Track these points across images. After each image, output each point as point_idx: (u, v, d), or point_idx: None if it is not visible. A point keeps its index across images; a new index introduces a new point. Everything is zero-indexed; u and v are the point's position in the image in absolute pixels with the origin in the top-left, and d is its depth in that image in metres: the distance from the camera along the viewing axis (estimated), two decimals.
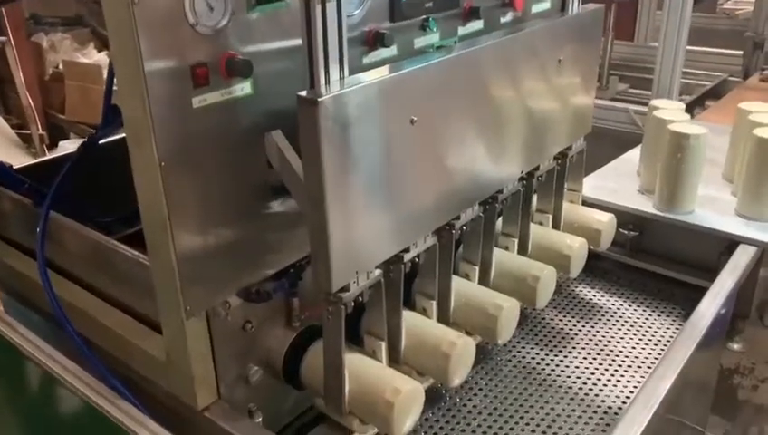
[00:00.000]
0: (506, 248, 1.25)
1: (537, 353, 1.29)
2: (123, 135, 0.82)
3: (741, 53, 2.82)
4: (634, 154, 1.72)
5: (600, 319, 1.39)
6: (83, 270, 1.15)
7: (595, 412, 1.14)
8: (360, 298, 0.91)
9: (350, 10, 0.95)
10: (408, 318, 1.03)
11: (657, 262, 1.49)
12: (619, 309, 1.42)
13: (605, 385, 1.20)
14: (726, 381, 1.64)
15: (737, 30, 3.05)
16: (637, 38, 2.87)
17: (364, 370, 0.94)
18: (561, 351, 1.29)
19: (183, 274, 0.85)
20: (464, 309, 1.10)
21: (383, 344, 0.97)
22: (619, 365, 1.25)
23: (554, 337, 1.34)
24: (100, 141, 1.17)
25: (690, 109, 2.32)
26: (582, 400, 1.17)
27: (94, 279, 1.13)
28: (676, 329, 1.35)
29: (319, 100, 0.74)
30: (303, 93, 0.75)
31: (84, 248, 1.13)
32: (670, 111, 1.52)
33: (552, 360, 1.27)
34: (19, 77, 3.10)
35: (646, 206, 1.49)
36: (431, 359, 0.99)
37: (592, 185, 1.60)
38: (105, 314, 1.08)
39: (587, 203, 1.49)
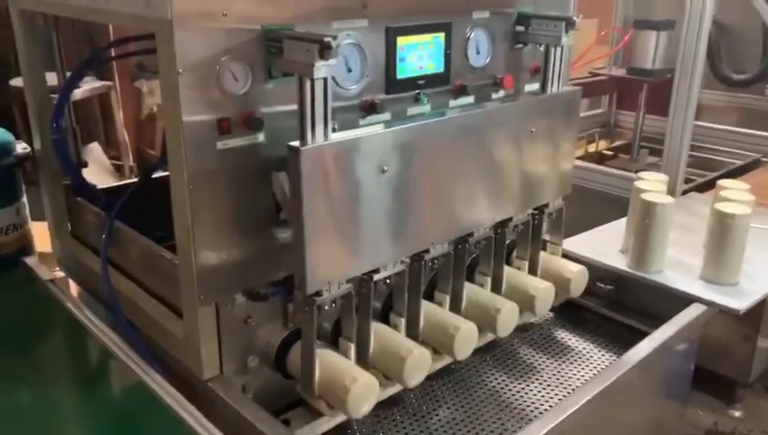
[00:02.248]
0: (481, 285, 1.47)
1: (503, 379, 1.49)
2: None
3: None
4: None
5: (567, 359, 1.58)
6: (135, 267, 1.46)
7: None
8: (334, 304, 1.17)
9: (349, 85, 1.24)
10: (380, 329, 1.28)
11: (630, 315, 1.67)
12: (588, 353, 1.60)
13: None
14: None
15: None
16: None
17: (333, 362, 1.19)
18: (525, 379, 1.49)
19: (199, 269, 1.13)
20: (429, 328, 1.33)
21: (352, 346, 1.22)
22: None
23: (522, 367, 1.54)
24: (160, 173, 1.50)
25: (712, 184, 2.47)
26: (531, 420, 1.37)
27: (142, 274, 1.44)
28: None
29: (301, 149, 1.02)
30: (292, 143, 1.04)
31: (137, 251, 1.44)
32: (652, 182, 1.72)
33: (514, 386, 1.47)
34: (119, 117, 3.60)
35: (621, 263, 1.68)
36: (391, 362, 1.23)
37: (581, 242, 1.80)
38: (146, 303, 1.39)
39: (569, 257, 1.70)
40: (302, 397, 1.26)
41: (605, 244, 1.78)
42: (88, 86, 3.13)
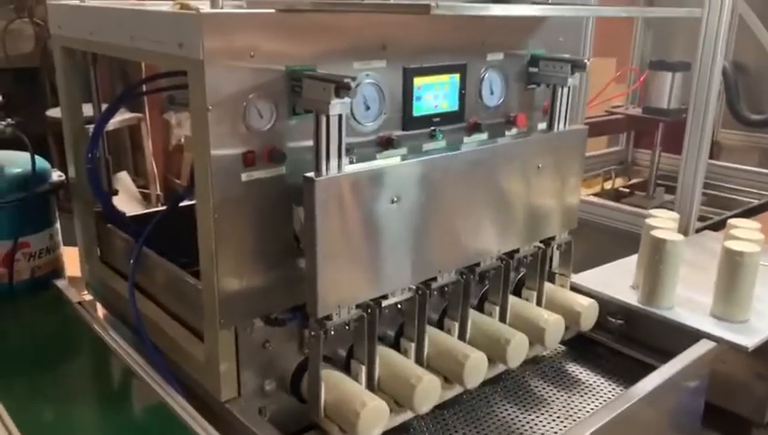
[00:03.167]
0: (490, 314, 1.51)
1: (513, 410, 1.52)
2: None
3: None
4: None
5: (577, 391, 1.60)
6: (160, 292, 1.53)
7: None
8: (348, 327, 1.22)
9: (368, 121, 1.31)
10: (392, 355, 1.33)
11: (641, 350, 1.69)
12: (598, 386, 1.63)
13: None
14: None
15: None
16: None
17: (343, 385, 1.24)
18: (534, 411, 1.52)
19: (221, 295, 1.19)
20: (438, 356, 1.37)
21: (363, 368, 1.26)
22: None
23: (531, 399, 1.56)
24: (186, 202, 1.58)
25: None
26: None
27: (166, 299, 1.51)
28: None
29: (316, 180, 1.09)
30: (307, 174, 1.10)
31: (162, 276, 1.51)
32: (663, 219, 1.75)
33: (524, 417, 1.50)
34: (148, 147, 3.73)
35: (631, 299, 1.71)
36: (401, 388, 1.27)
37: (592, 276, 1.84)
38: (169, 326, 1.45)
39: (580, 291, 1.73)
40: (316, 422, 1.31)
41: (616, 279, 1.81)
42: (119, 117, 3.26)
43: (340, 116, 1.12)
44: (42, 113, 3.17)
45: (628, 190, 3.12)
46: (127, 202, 3.24)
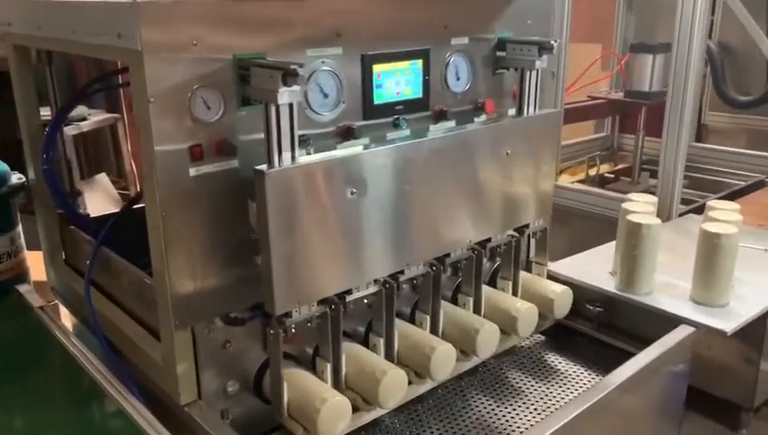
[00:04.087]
0: (464, 306, 1.47)
1: (489, 403, 1.48)
2: None
3: None
4: None
5: (556, 382, 1.56)
6: (122, 293, 1.49)
7: None
8: (310, 324, 1.18)
9: (325, 110, 1.26)
10: (357, 351, 1.28)
11: (620, 337, 1.65)
12: (576, 375, 1.59)
13: None
14: None
15: None
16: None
17: (305, 383, 1.20)
18: (510, 403, 1.48)
19: (174, 294, 1.15)
20: (406, 349, 1.33)
21: (329, 365, 1.22)
22: None
23: (508, 391, 1.52)
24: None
25: None
26: None
27: (127, 300, 1.46)
28: None
29: (266, 172, 1.04)
30: (258, 167, 1.06)
31: (123, 276, 1.47)
32: (640, 203, 1.71)
33: (500, 410, 1.46)
34: (126, 147, 3.68)
35: (609, 285, 1.66)
36: (367, 383, 1.23)
37: (570, 264, 1.79)
38: (131, 329, 1.40)
39: (557, 279, 1.69)
40: (281, 422, 1.26)
41: (595, 266, 1.77)
42: (96, 118, 3.21)
43: (290, 105, 1.07)
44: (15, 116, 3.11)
45: (612, 176, 3.07)
46: (105, 204, 3.19)
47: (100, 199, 3.15)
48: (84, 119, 3.09)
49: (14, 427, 1.26)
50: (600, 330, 1.69)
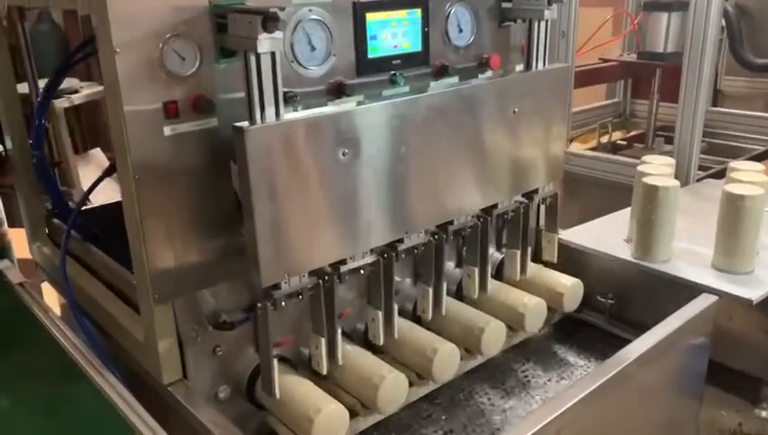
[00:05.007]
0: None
1: (496, 397, 1.39)
2: None
3: None
4: None
5: (566, 375, 1.47)
6: (105, 269, 1.40)
7: None
8: (300, 297, 1.09)
9: (314, 65, 1.15)
10: (355, 353, 1.21)
11: (631, 330, 1.53)
12: (588, 368, 1.49)
13: None
14: None
15: None
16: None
17: (300, 390, 1.12)
18: (519, 397, 1.39)
19: (152, 267, 1.06)
20: (408, 351, 1.25)
21: (323, 340, 1.12)
22: None
23: (517, 384, 1.43)
24: None
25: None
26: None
27: (110, 276, 1.37)
28: None
29: (246, 129, 0.94)
30: (237, 124, 0.95)
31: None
32: (657, 165, 1.60)
33: (507, 404, 1.37)
34: None
35: (624, 253, 1.56)
36: (364, 388, 1.15)
37: (582, 232, 1.69)
38: (114, 306, 1.32)
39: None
40: (274, 429, 1.19)
41: (608, 234, 1.67)
42: (89, 90, 3.09)
43: (272, 54, 0.96)
44: None
45: (625, 143, 2.95)
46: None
47: (94, 175, 3.06)
48: (76, 91, 2.98)
49: None
50: (611, 323, 1.59)
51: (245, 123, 0.97)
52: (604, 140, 2.87)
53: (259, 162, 0.96)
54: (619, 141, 2.98)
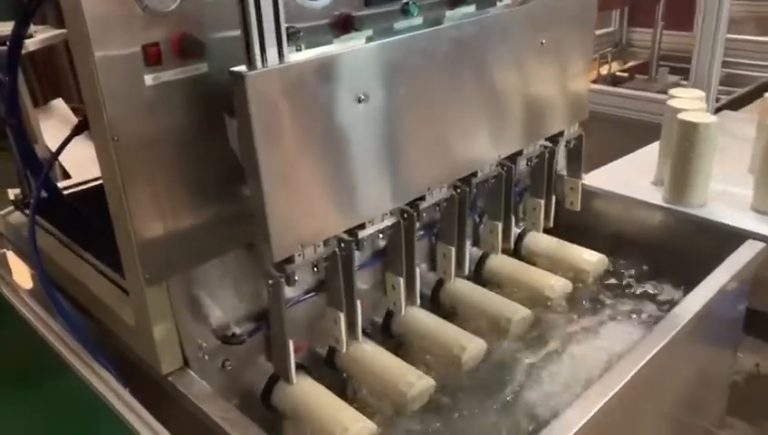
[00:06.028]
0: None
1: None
2: None
3: None
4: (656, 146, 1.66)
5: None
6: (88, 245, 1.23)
7: None
8: (316, 269, 0.94)
9: None
10: (377, 354, 1.10)
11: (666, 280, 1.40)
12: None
13: None
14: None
15: None
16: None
17: (322, 408, 0.99)
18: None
19: (140, 243, 0.90)
20: (433, 346, 1.14)
21: (342, 315, 0.99)
22: None
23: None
24: None
25: (748, 100, 2.18)
26: None
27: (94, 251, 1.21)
28: None
29: (246, 74, 0.77)
30: (235, 68, 0.78)
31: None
32: (688, 100, 1.46)
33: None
34: None
35: (655, 198, 1.43)
36: (391, 395, 1.04)
37: (604, 175, 1.56)
38: (96, 283, 1.16)
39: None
40: None
41: (634, 176, 1.53)
42: (45, 35, 2.80)
43: None
44: None
45: (626, 75, 2.80)
46: (63, 133, 2.86)
47: (58, 129, 2.81)
48: (30, 36, 2.68)
49: None
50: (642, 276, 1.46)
51: (243, 67, 0.79)
52: (604, 71, 2.71)
53: (263, 114, 0.80)
54: (618, 73, 2.82)
